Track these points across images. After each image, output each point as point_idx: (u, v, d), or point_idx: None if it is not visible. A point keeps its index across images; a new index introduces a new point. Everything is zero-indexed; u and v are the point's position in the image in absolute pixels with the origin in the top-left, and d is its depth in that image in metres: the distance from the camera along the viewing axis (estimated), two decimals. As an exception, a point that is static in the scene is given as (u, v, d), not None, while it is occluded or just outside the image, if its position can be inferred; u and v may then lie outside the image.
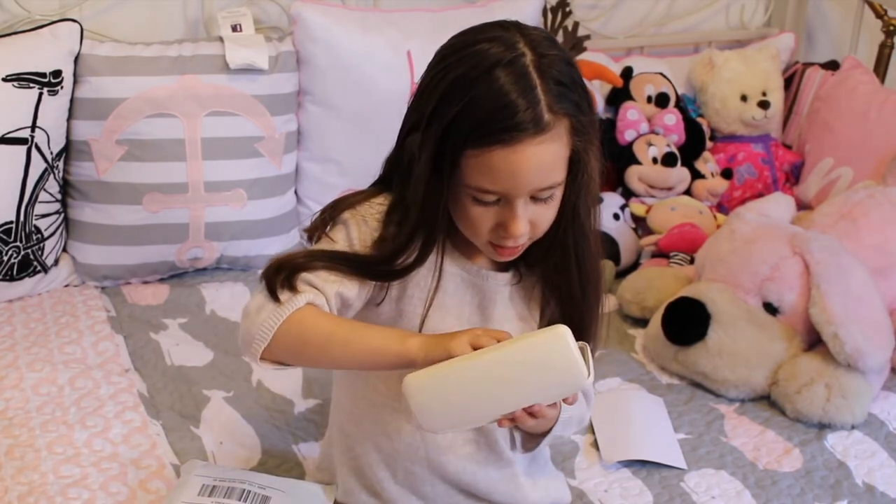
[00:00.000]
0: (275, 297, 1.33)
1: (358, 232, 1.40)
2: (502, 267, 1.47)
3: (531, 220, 1.35)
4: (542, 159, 1.30)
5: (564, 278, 1.45)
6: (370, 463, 1.54)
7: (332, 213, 1.43)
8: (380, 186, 1.45)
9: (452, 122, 1.29)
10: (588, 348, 1.29)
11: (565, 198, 1.38)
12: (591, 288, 1.46)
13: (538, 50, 1.31)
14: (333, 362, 1.39)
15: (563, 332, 1.25)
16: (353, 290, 1.39)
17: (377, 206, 1.41)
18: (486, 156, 1.29)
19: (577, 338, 1.28)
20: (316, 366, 1.53)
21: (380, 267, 1.38)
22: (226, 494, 1.52)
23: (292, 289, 1.34)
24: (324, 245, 1.41)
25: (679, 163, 2.59)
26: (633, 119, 2.61)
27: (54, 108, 2.15)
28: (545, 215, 1.37)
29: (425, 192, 1.33)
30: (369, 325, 1.37)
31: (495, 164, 1.30)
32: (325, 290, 1.35)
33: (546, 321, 1.50)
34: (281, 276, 1.34)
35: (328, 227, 1.42)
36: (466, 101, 1.28)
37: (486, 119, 1.28)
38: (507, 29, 1.33)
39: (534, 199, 1.34)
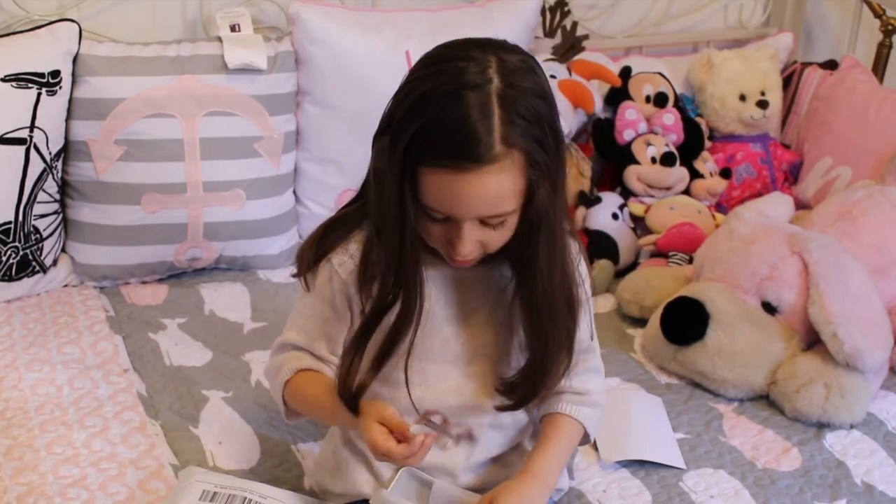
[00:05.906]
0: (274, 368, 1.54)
1: (328, 282, 1.46)
2: None
3: (481, 241, 1.37)
4: (485, 190, 1.30)
5: (524, 316, 1.47)
6: None
7: (315, 253, 1.47)
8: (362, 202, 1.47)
9: (413, 136, 1.30)
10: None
11: (517, 234, 1.38)
12: (549, 331, 1.45)
13: (509, 79, 1.30)
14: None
15: None
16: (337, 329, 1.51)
17: (355, 244, 1.45)
18: (434, 176, 1.31)
19: (529, 381, 1.46)
20: None
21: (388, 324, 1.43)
22: (227, 501, 1.52)
23: (283, 358, 1.53)
24: (310, 301, 1.50)
25: (678, 162, 2.59)
26: (631, 119, 2.61)
27: (53, 109, 2.14)
28: (496, 238, 1.38)
29: (398, 214, 1.34)
30: (337, 404, 1.44)
31: (441, 187, 1.31)
32: (310, 348, 1.52)
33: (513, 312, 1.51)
34: (277, 345, 1.55)
35: (309, 273, 1.48)
36: (428, 118, 1.29)
37: (441, 140, 1.29)
38: (484, 50, 1.32)
39: (483, 222, 1.35)
